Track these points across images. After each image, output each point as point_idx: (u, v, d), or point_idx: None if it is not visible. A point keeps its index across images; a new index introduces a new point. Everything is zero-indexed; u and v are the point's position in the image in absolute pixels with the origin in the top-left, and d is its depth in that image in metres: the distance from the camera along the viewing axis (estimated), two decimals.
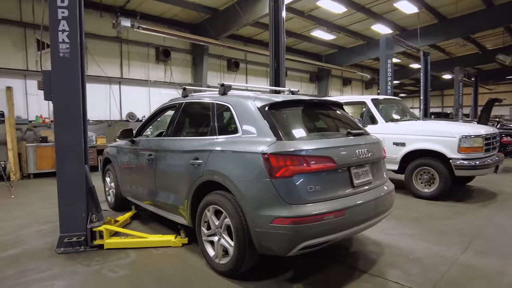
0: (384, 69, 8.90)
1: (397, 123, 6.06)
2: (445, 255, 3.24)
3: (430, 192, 5.45)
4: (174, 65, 11.70)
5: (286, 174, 2.44)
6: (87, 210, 3.60)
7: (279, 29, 5.79)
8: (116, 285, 2.81)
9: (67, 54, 3.43)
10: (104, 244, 3.55)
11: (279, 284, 2.74)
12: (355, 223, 2.65)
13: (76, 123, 3.52)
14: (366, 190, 2.85)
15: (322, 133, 2.96)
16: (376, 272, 2.91)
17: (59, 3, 3.38)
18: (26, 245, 3.71)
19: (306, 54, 16.35)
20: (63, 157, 3.50)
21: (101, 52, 9.86)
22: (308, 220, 2.40)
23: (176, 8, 10.35)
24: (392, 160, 5.85)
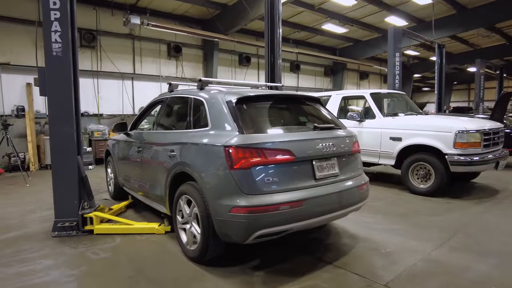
0: (392, 62, 8.71)
1: (394, 117, 5.97)
2: (418, 250, 3.25)
3: (426, 188, 5.37)
4: (185, 61, 11.97)
5: (244, 166, 2.55)
6: (79, 197, 3.88)
7: (274, 21, 5.80)
8: (94, 265, 3.06)
9: (59, 53, 3.68)
10: (94, 229, 3.83)
11: (243, 271, 2.88)
12: (314, 215, 2.74)
13: (69, 117, 3.78)
14: (330, 183, 2.92)
15: (286, 127, 3.04)
16: (341, 263, 2.98)
17: (51, 5, 3.61)
18: (28, 229, 4.05)
19: (320, 47, 16.17)
20: (57, 148, 3.79)
21: (114, 49, 10.26)
22: (263, 210, 2.51)
23: (186, 4, 10.56)
24: (388, 155, 5.81)
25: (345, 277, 2.74)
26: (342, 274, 2.80)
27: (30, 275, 2.87)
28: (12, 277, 2.83)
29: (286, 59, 15.17)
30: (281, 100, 3.30)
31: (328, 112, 3.57)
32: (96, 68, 9.96)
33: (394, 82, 8.75)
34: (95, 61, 9.93)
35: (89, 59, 9.82)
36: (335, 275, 2.78)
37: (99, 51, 10.00)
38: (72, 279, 2.80)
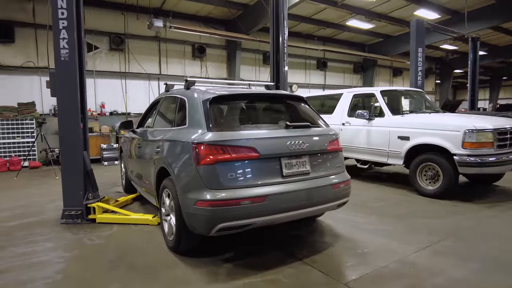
0: (414, 58, 8.31)
1: (403, 116, 5.75)
2: (397, 252, 3.18)
3: (434, 189, 5.13)
4: (209, 61, 12.33)
5: (208, 162, 2.70)
6: (85, 189, 4.27)
7: (278, 20, 5.82)
8: (86, 250, 3.38)
9: (67, 58, 4.07)
10: (96, 218, 4.19)
11: (214, 262, 3.02)
12: (278, 211, 2.80)
13: (75, 115, 4.16)
14: (299, 180, 2.96)
15: (255, 125, 3.12)
16: (310, 261, 3.01)
17: (60, 15, 4.01)
18: (44, 216, 4.53)
19: (348, 44, 15.77)
20: (65, 144, 4.19)
21: (141, 51, 10.87)
22: (224, 204, 2.64)
23: (209, 6, 10.88)
24: (396, 155, 5.63)
25: (308, 274, 2.78)
26: (307, 270, 2.84)
27: (31, 254, 3.25)
28: (16, 256, 3.23)
29: (312, 57, 15.02)
30: (258, 99, 3.38)
31: (310, 111, 3.59)
32: (124, 69, 10.63)
33: (416, 79, 8.36)
34: (123, 63, 10.60)
35: (118, 61, 10.50)
36: (299, 271, 2.83)
37: (127, 53, 10.66)
38: (62, 260, 3.13)
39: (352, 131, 6.51)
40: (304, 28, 13.70)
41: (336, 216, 4.29)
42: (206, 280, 2.71)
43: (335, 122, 6.94)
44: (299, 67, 14.92)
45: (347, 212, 4.46)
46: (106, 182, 6.75)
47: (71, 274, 2.88)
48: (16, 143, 8.62)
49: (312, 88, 15.19)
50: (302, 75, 15.12)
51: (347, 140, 6.63)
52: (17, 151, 8.57)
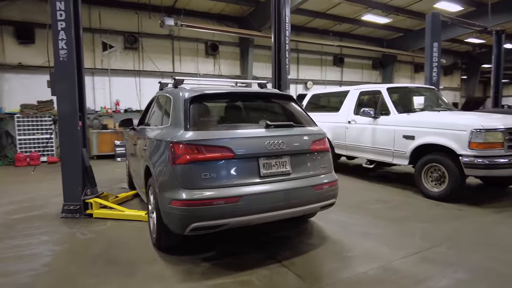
0: (429, 53, 7.94)
1: (409, 114, 5.51)
2: (382, 257, 3.06)
3: (439, 192, 4.90)
4: (222, 58, 12.37)
5: (183, 161, 2.70)
6: (83, 185, 4.41)
7: (280, 12, 5.72)
8: (76, 243, 3.50)
9: (65, 58, 4.20)
10: (93, 213, 4.32)
11: (192, 260, 3.03)
12: (254, 211, 2.76)
13: (73, 113, 4.29)
14: (278, 181, 2.91)
15: (233, 124, 3.08)
16: (289, 263, 2.96)
17: (58, 16, 4.14)
18: (46, 209, 4.72)
19: (367, 39, 15.32)
20: (65, 141, 4.34)
21: (154, 49, 11.07)
22: (197, 204, 2.63)
23: (221, 3, 10.90)
24: (401, 155, 5.42)
25: (282, 276, 2.73)
26: (283, 273, 2.79)
27: (25, 247, 3.40)
28: (10, 247, 3.39)
29: (328, 53, 14.71)
30: (243, 97, 3.34)
31: (297, 110, 3.51)
32: (138, 68, 10.88)
33: (431, 75, 7.99)
34: (137, 61, 10.85)
35: (132, 59, 10.76)
36: (275, 273, 2.78)
37: (141, 52, 10.89)
38: (51, 253, 3.25)
39: (358, 130, 6.33)
40: (320, 24, 13.44)
41: (329, 218, 4.19)
42: (180, 278, 2.73)
43: (341, 120, 6.78)
44: (314, 63, 14.67)
45: (342, 214, 4.35)
46: (115, 178, 6.95)
47: (56, 267, 2.99)
48: (36, 139, 9.05)
49: (328, 85, 14.90)
50: (318, 71, 14.86)
51: (353, 139, 6.47)
52: (36, 147, 9.00)
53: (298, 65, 14.28)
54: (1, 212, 4.63)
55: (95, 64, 10.25)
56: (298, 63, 14.27)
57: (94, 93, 10.34)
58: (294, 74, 14.21)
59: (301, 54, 14.19)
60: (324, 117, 7.36)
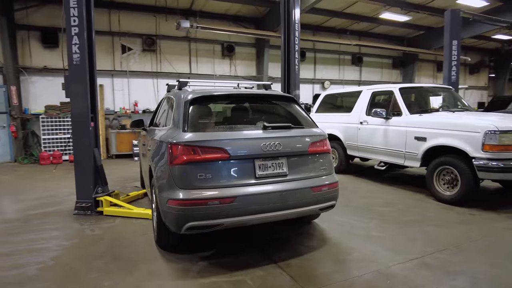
0: (448, 52, 7.65)
1: (421, 115, 5.35)
2: (380, 262, 3.00)
3: (452, 195, 4.74)
4: (238, 59, 12.45)
5: (179, 162, 2.77)
6: (95, 183, 4.60)
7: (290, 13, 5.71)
8: (84, 239, 3.65)
9: (78, 62, 4.40)
10: (103, 211, 4.50)
11: (191, 259, 3.10)
12: (249, 212, 2.79)
13: (85, 114, 4.48)
14: (273, 182, 2.92)
15: (230, 125, 3.12)
16: (285, 264, 2.97)
17: (72, 22, 4.34)
18: (62, 206, 4.95)
19: (387, 38, 14.94)
20: (77, 142, 4.54)
21: (172, 51, 11.31)
22: (192, 204, 2.69)
23: (237, 4, 10.98)
24: (413, 157, 5.28)
25: (275, 278, 2.74)
26: (277, 274, 2.80)
27: (36, 241, 3.60)
28: (23, 241, 3.60)
29: (347, 52, 14.48)
30: (243, 99, 3.37)
31: (298, 111, 3.50)
32: (156, 69, 11.15)
33: (450, 75, 7.70)
34: (155, 63, 11.12)
35: (150, 61, 11.04)
36: (269, 274, 2.80)
37: (159, 54, 11.16)
38: (60, 248, 3.42)
39: (370, 131, 6.21)
40: (337, 23, 13.25)
41: (334, 219, 4.16)
42: (175, 276, 2.81)
43: (353, 121, 6.68)
44: (332, 63, 14.48)
45: (347, 216, 4.30)
46: (130, 176, 7.18)
47: (62, 261, 3.14)
48: (59, 138, 9.49)
49: (346, 85, 14.66)
50: (336, 71, 14.65)
51: (365, 140, 6.35)
52: (59, 146, 9.43)
53: (315, 64, 14.14)
54: (21, 208, 4.91)
55: (114, 66, 10.60)
56: (315, 63, 14.13)
57: (114, 95, 10.70)
58: (311, 74, 14.09)
59: (318, 53, 14.05)
60: (336, 117, 7.28)
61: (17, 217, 4.47)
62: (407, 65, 15.71)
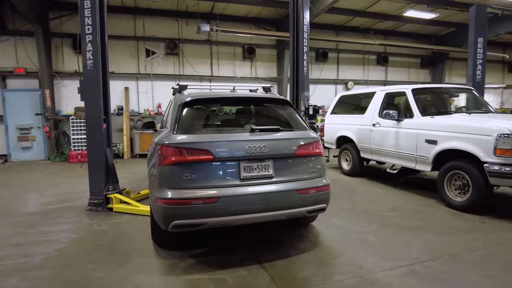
0: (472, 50, 7.24)
1: (433, 117, 5.13)
2: (366, 267, 2.96)
3: (462, 201, 4.52)
4: (259, 61, 12.55)
5: (167, 163, 2.90)
6: (106, 181, 4.88)
7: (298, 14, 5.72)
8: (90, 233, 3.91)
9: (91, 67, 4.70)
10: (113, 207, 4.77)
11: (181, 255, 3.23)
12: (232, 213, 2.86)
13: (98, 116, 4.77)
14: (258, 184, 2.97)
15: (217, 128, 3.19)
16: (269, 265, 3.01)
17: (86, 31, 4.64)
18: (78, 202, 5.30)
19: (414, 36, 14.35)
20: (90, 142, 4.85)
21: (194, 54, 11.64)
22: (177, 203, 2.82)
23: (257, 7, 11.09)
24: (424, 160, 5.09)
25: (256, 278, 2.79)
26: (258, 275, 2.85)
27: (48, 233, 3.91)
28: (37, 233, 3.92)
29: (371, 52, 14.09)
30: (234, 102, 3.44)
31: (291, 114, 3.51)
32: (179, 72, 11.53)
33: (475, 74, 7.28)
34: (177, 66, 11.50)
35: (172, 64, 11.44)
36: (250, 274, 2.85)
37: (181, 57, 11.52)
38: (67, 241, 3.69)
39: (382, 133, 6.05)
40: (360, 22, 12.94)
41: (333, 223, 4.13)
42: (162, 271, 2.94)
43: (366, 123, 6.54)
44: (356, 63, 14.16)
45: (348, 220, 4.25)
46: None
47: (66, 252, 3.39)
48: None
49: (371, 85, 14.27)
50: (360, 71, 14.31)
51: (377, 143, 6.20)
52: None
53: (338, 65, 13.91)
54: (43, 202, 5.32)
55: (139, 70, 11.10)
56: (338, 63, 13.89)
57: (138, 97, 11.20)
58: (334, 74, 13.88)
59: (341, 53, 13.80)
60: (350, 119, 7.16)
61: (38, 210, 4.86)
62: (436, 64, 14.99)
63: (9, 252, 3.40)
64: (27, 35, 9.79)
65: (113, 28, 10.64)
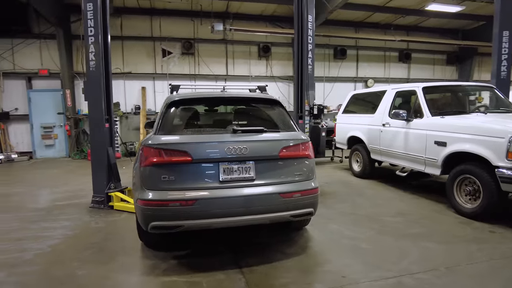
0: (497, 44, 6.73)
1: (443, 117, 4.81)
2: (349, 276, 2.81)
3: (473, 208, 4.21)
4: (274, 59, 12.42)
5: (147, 164, 2.89)
6: (108, 179, 4.99)
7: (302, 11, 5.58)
8: (86, 230, 4.01)
9: (94, 68, 4.81)
10: (114, 205, 4.87)
11: (164, 256, 3.22)
12: (210, 216, 2.81)
13: (100, 117, 4.89)
14: (238, 186, 2.90)
15: (198, 129, 3.14)
16: (248, 270, 2.94)
17: (89, 32, 4.76)
18: (84, 199, 5.45)
19: (439, 31, 13.62)
20: (93, 141, 4.98)
21: (209, 54, 11.71)
22: (154, 204, 2.80)
23: (272, 5, 10.98)
24: (433, 163, 4.80)
25: (232, 283, 2.72)
26: (235, 279, 2.78)
27: (47, 229, 4.04)
28: (38, 228, 4.08)
29: (393, 48, 13.55)
30: (221, 102, 3.38)
31: (279, 114, 3.40)
32: (194, 72, 11.64)
33: (499, 70, 6.77)
34: (192, 66, 11.62)
35: (188, 64, 11.57)
36: (227, 278, 2.79)
37: (197, 56, 11.63)
38: (62, 237, 3.79)
39: (392, 133, 5.78)
40: (381, 18, 12.46)
41: (328, 228, 3.99)
42: (142, 271, 2.95)
43: (376, 122, 6.27)
44: (376, 60, 13.66)
45: (346, 225, 4.08)
46: None
47: (57, 249, 3.48)
48: None
49: (392, 83, 13.70)
50: (381, 68, 13.81)
51: (387, 144, 5.93)
52: None
53: (357, 62, 13.49)
54: (51, 198, 5.54)
55: (155, 70, 11.32)
56: (358, 60, 13.47)
57: (155, 96, 11.42)
58: (353, 72, 13.48)
59: (361, 50, 13.37)
60: (361, 119, 6.90)
61: (44, 206, 5.06)
62: (464, 60, 14.16)
63: (7, 247, 3.55)
64: (50, 37, 10.26)
65: (131, 29, 10.95)
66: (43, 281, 2.83)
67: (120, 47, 10.92)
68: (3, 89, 10.33)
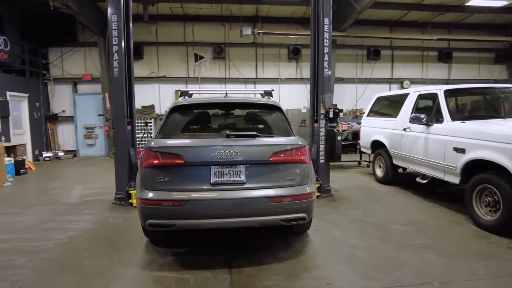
0: None
1: (463, 122, 4.51)
2: (335, 284, 2.81)
3: (492, 221, 3.92)
4: (304, 61, 12.31)
5: (146, 165, 3.11)
6: (129, 178, 5.36)
7: (318, 14, 5.54)
8: (104, 225, 4.36)
9: (117, 75, 5.20)
10: (133, 203, 5.22)
11: (164, 253, 3.43)
12: (200, 216, 2.95)
13: (123, 120, 5.26)
14: (229, 189, 3.01)
15: (192, 133, 3.27)
16: (237, 271, 3.04)
17: (113, 42, 5.16)
18: (109, 196, 5.85)
19: (484, 28, 12.59)
20: (117, 142, 5.37)
21: (239, 57, 11.95)
22: (149, 203, 3.01)
23: (303, 7, 10.94)
24: (452, 171, 4.55)
25: (217, 282, 2.84)
26: (221, 279, 2.89)
27: (71, 222, 4.47)
28: (63, 221, 4.52)
29: (431, 47, 12.80)
30: (221, 106, 3.49)
31: (276, 120, 3.46)
32: (224, 75, 11.95)
33: None
34: (223, 69, 11.94)
35: (218, 68, 11.91)
36: (214, 277, 2.91)
37: (227, 60, 11.93)
38: (82, 230, 4.17)
39: (412, 138, 5.53)
40: (418, 16, 11.84)
41: (329, 234, 3.97)
42: (140, 266, 3.17)
43: (398, 127, 6.03)
44: (413, 60, 13.00)
45: (350, 232, 4.01)
46: None
47: (75, 240, 3.85)
48: (139, 137, 11.10)
49: (430, 84, 12.96)
50: (418, 69, 13.11)
51: (408, 149, 5.68)
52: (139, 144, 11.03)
53: (392, 63, 12.95)
54: (82, 194, 6.06)
55: (188, 74, 11.81)
56: (393, 61, 12.92)
57: None
58: (388, 73, 12.97)
59: (396, 50, 12.81)
60: (384, 122, 6.68)
61: (74, 201, 5.56)
62: None
63: (35, 236, 3.99)
64: (93, 45, 11.17)
65: (165, 35, 11.54)
66: (52, 268, 3.16)
67: (155, 52, 11.56)
68: (53, 94, 11.43)
